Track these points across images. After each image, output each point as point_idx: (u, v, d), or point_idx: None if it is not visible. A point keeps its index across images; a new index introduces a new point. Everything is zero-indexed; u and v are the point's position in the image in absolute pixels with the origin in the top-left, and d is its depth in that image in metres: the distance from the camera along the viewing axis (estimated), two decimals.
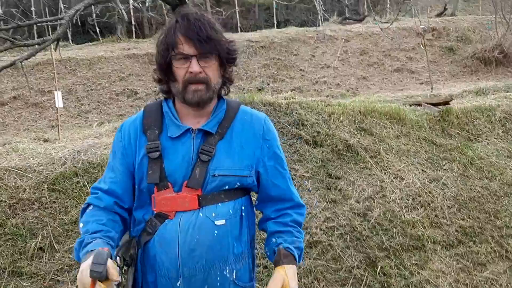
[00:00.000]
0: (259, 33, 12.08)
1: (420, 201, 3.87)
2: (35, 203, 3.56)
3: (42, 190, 3.64)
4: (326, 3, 15.38)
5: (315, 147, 4.07)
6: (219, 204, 1.50)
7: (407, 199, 3.86)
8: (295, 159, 3.93)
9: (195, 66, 1.45)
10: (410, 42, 11.37)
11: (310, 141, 4.08)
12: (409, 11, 13.37)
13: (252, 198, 1.71)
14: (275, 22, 13.85)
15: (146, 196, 1.53)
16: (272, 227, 1.63)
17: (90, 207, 1.54)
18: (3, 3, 13.57)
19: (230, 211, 1.52)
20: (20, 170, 3.78)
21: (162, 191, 1.49)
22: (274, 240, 1.60)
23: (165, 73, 1.52)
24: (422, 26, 8.92)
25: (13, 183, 3.63)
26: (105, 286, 1.29)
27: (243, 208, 1.56)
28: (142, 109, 1.65)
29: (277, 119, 4.13)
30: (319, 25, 12.51)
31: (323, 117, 4.27)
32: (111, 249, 1.41)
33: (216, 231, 1.47)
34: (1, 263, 3.17)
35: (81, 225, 1.50)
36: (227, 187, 1.51)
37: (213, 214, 1.48)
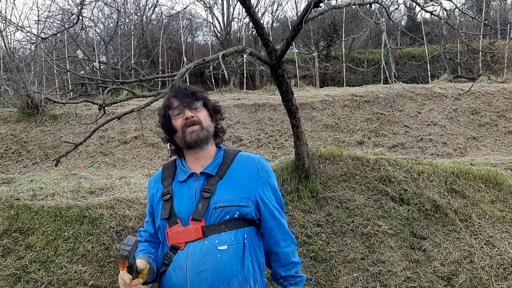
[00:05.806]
0: (364, 88, 12.15)
1: None
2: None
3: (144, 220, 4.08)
4: (439, 60, 15.01)
5: (401, 205, 4.04)
6: (222, 233, 1.75)
7: (498, 268, 3.63)
8: (379, 215, 3.94)
9: (187, 113, 1.86)
10: None
11: (396, 198, 4.07)
12: None
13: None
14: (381, 77, 13.86)
15: (163, 233, 1.85)
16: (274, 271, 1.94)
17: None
18: (135, 53, 15.44)
19: (232, 238, 1.76)
20: (129, 201, 4.30)
21: (173, 226, 1.80)
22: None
23: (167, 129, 1.93)
24: None
25: (122, 212, 4.13)
26: (130, 276, 1.60)
27: (245, 236, 1.79)
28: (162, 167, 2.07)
29: (364, 174, 4.20)
30: (428, 82, 12.24)
31: (411, 175, 4.24)
32: (151, 260, 1.82)
33: (219, 255, 1.71)
34: (103, 282, 3.60)
35: None
36: (228, 217, 1.77)
37: (216, 241, 1.74)
